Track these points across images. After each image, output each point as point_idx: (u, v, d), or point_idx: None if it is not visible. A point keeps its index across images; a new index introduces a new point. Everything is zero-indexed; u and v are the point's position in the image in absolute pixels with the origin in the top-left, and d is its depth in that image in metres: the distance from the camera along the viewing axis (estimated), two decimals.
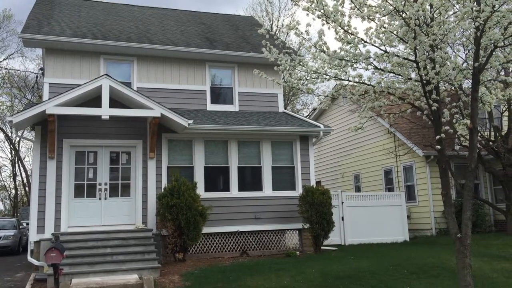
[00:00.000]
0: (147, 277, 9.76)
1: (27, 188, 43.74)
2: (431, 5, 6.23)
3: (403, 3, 6.08)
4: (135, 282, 9.70)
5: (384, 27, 6.46)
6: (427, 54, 6.40)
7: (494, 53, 6.67)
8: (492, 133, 17.61)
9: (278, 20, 40.40)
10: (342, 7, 6.40)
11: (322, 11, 6.44)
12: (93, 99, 12.37)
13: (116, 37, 14.60)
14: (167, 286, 9.68)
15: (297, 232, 14.29)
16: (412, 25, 6.13)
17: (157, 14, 18.40)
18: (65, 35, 13.86)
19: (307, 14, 6.51)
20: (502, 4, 5.96)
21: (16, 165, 45.97)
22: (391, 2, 6.22)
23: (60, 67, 13.79)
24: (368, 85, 7.09)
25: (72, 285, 9.49)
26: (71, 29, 14.54)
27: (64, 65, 13.84)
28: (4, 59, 38.84)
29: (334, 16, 6.40)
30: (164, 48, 14.60)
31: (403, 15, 6.20)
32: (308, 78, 7.13)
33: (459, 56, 7.07)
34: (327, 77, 7.01)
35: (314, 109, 28.05)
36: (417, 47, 6.39)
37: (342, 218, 16.26)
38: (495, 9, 5.91)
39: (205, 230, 12.53)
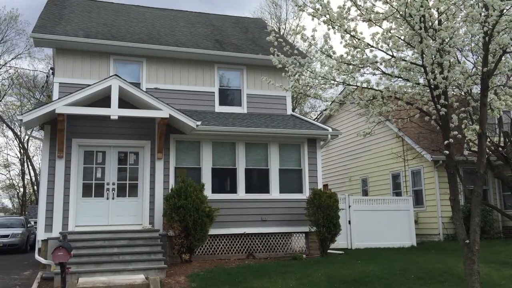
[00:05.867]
0: (153, 278, 9.79)
1: (35, 187, 44.06)
2: (437, 10, 6.21)
3: (405, 4, 6.06)
4: (141, 282, 9.73)
5: (391, 32, 6.45)
6: (433, 58, 6.37)
7: (503, 58, 6.63)
8: (502, 139, 17.48)
9: (286, 23, 40.35)
10: (349, 14, 6.40)
11: (327, 16, 6.44)
12: (102, 99, 12.46)
13: (126, 37, 14.69)
14: (173, 286, 9.71)
15: (304, 235, 14.26)
16: (417, 28, 6.11)
17: (166, 15, 18.48)
18: (76, 35, 13.98)
19: (312, 19, 6.52)
20: (510, 8, 5.93)
21: (25, 163, 46.38)
22: (395, 5, 6.21)
23: (70, 67, 13.91)
24: (376, 90, 7.07)
25: (79, 284, 9.55)
26: (82, 29, 14.65)
27: (74, 65, 13.95)
28: (12, 59, 39.15)
29: (340, 21, 6.40)
30: (173, 49, 14.66)
31: (408, 18, 6.18)
32: (316, 83, 7.13)
33: (468, 61, 7.05)
34: (335, 82, 7.01)
35: (322, 112, 27.99)
36: (424, 51, 6.37)
37: (349, 222, 16.22)
38: (503, 13, 5.88)
39: (212, 231, 12.56)
